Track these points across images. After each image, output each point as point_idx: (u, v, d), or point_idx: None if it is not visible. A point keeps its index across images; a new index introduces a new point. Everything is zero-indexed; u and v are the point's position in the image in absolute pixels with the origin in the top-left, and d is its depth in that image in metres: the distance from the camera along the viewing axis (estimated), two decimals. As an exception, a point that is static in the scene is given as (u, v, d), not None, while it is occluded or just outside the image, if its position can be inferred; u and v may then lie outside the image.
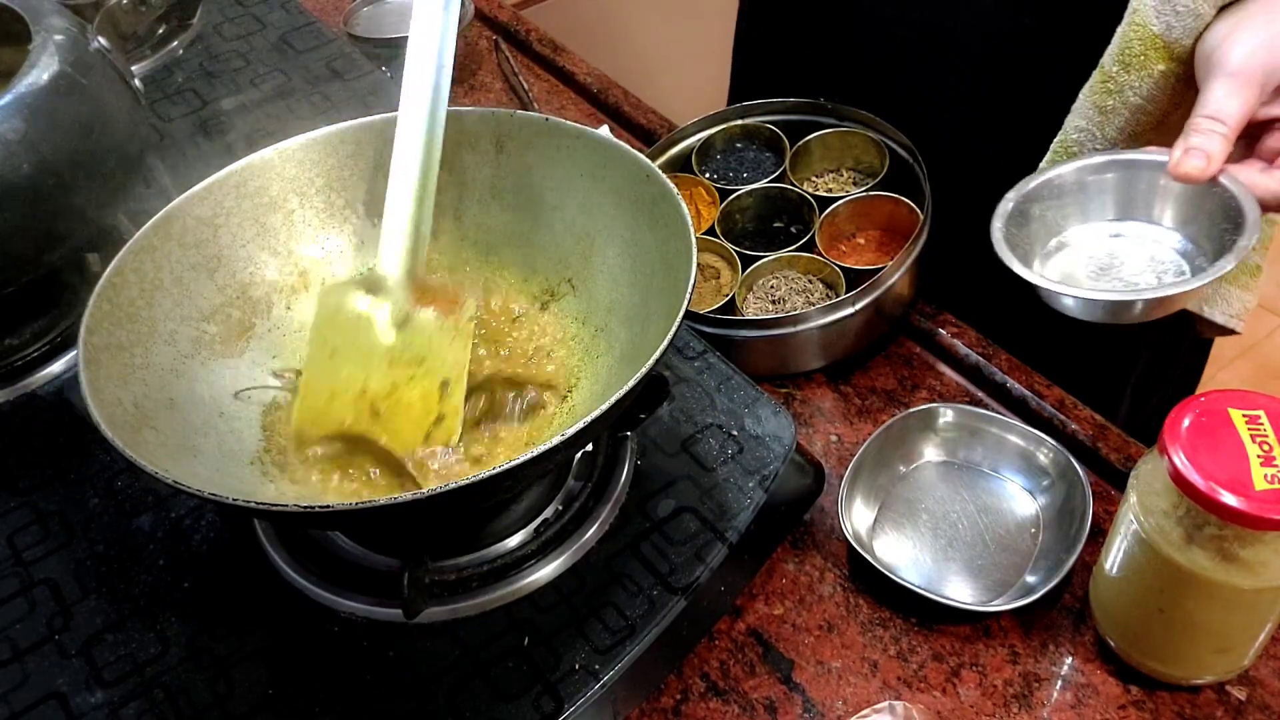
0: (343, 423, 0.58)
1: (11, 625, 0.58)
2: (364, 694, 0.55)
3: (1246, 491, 0.49)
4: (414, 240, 0.62)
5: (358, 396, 0.59)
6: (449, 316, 0.62)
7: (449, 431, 0.58)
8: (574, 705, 0.54)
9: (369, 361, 0.61)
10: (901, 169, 0.82)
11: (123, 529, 0.62)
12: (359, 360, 0.61)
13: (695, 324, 0.74)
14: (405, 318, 0.62)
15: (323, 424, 0.59)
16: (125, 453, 0.47)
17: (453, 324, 0.61)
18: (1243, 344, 2.02)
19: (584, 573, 0.59)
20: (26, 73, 0.64)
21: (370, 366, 0.60)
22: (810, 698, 0.60)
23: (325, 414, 0.59)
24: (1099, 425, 0.71)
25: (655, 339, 0.51)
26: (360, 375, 0.60)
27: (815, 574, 0.65)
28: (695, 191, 0.85)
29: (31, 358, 0.72)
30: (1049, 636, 0.61)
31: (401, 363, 0.60)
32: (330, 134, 0.65)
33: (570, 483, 0.62)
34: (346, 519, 0.55)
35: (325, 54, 0.97)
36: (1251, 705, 0.58)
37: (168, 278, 0.60)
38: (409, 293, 0.62)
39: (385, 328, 0.62)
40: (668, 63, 1.97)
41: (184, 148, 0.89)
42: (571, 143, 0.63)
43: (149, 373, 0.57)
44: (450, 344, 0.61)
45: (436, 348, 0.61)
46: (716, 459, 0.64)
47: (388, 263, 0.62)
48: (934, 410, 0.70)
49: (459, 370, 0.60)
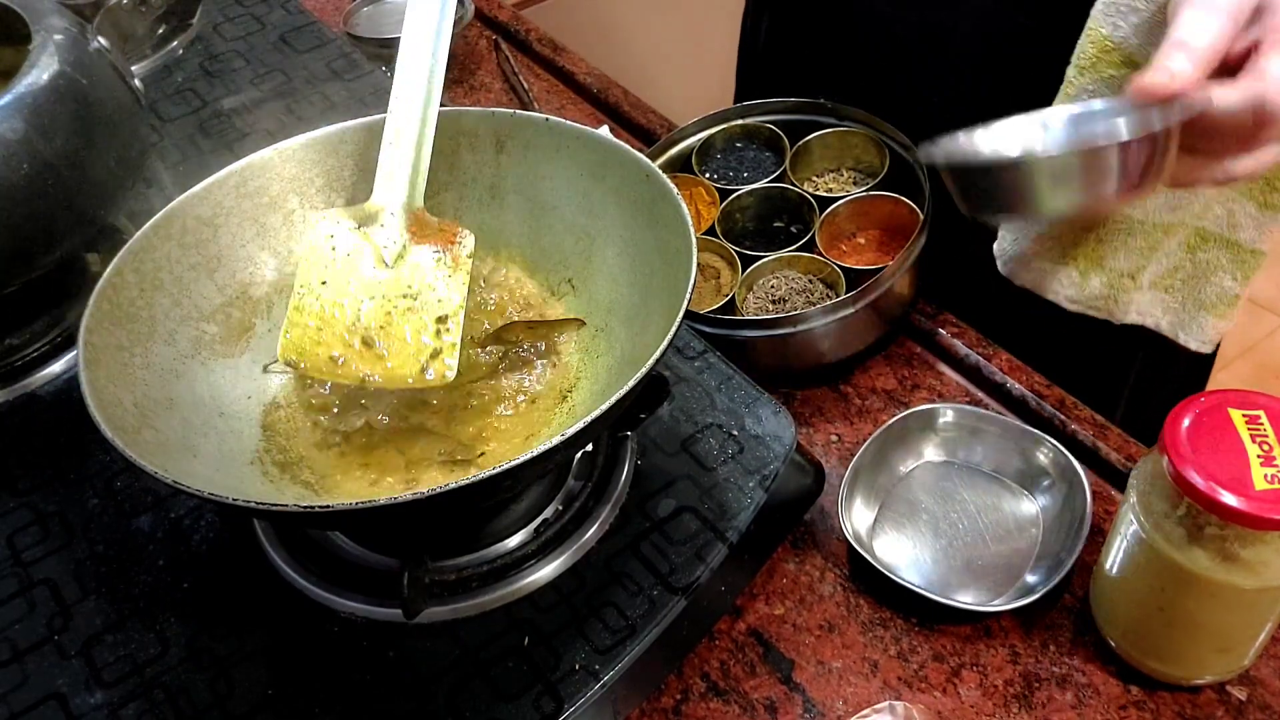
0: (332, 352, 0.57)
1: (11, 625, 0.58)
2: (364, 694, 0.55)
3: (1247, 491, 0.49)
4: (412, 172, 0.61)
5: (349, 327, 0.58)
6: (446, 252, 0.60)
7: (445, 368, 0.57)
8: (574, 705, 0.53)
9: (361, 293, 0.59)
10: (901, 169, 0.82)
11: (122, 529, 0.62)
12: (351, 292, 0.59)
13: (695, 324, 0.74)
14: (401, 252, 0.60)
15: (311, 355, 0.57)
16: (125, 453, 0.47)
17: (451, 259, 0.60)
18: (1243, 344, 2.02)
19: (584, 573, 0.59)
20: (26, 73, 0.64)
21: (362, 298, 0.59)
22: (811, 698, 0.60)
23: (314, 344, 0.58)
24: (1099, 425, 0.71)
25: (655, 339, 0.51)
26: (353, 306, 0.59)
27: (815, 574, 0.65)
28: (695, 191, 0.85)
29: (31, 358, 0.72)
30: (1049, 636, 0.61)
31: (396, 296, 0.59)
32: (330, 134, 0.65)
33: (570, 483, 0.62)
34: (346, 519, 0.55)
35: (325, 54, 0.97)
36: (1251, 705, 0.58)
37: (168, 278, 0.60)
38: (405, 226, 0.61)
39: (379, 261, 0.60)
40: (668, 63, 1.97)
41: (184, 148, 0.89)
42: (571, 143, 0.63)
43: (149, 373, 0.57)
44: (447, 280, 0.59)
45: (433, 283, 0.59)
46: (717, 459, 0.64)
47: (384, 195, 0.61)
48: (934, 410, 0.70)
49: (456, 306, 0.59)
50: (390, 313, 0.59)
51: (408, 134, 0.61)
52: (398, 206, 0.61)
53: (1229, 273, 0.76)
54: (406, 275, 0.60)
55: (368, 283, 0.60)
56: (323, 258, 0.60)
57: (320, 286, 0.59)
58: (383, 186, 0.61)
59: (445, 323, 0.58)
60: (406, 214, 0.61)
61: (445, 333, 0.58)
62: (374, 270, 0.60)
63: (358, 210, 0.62)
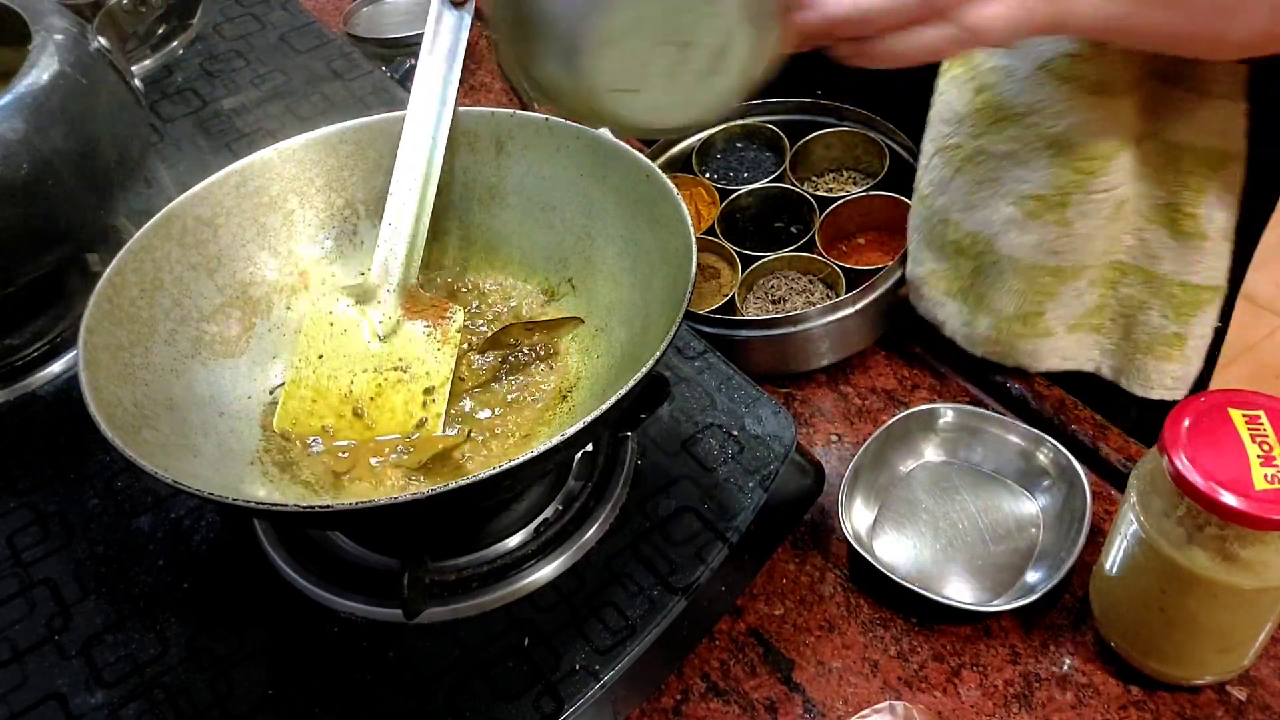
0: (324, 423, 0.59)
1: (11, 625, 0.58)
2: (364, 694, 0.55)
3: (1247, 491, 0.49)
4: (408, 254, 0.63)
5: (342, 398, 0.60)
6: (437, 327, 0.63)
7: (431, 433, 0.59)
8: (574, 705, 0.53)
9: (355, 365, 0.62)
10: (901, 169, 0.82)
11: (122, 529, 0.62)
12: (345, 365, 0.62)
13: (695, 324, 0.74)
14: (394, 327, 0.63)
15: (304, 424, 0.60)
16: (125, 453, 0.47)
17: (441, 334, 0.63)
18: (1243, 344, 2.02)
19: (584, 573, 0.59)
20: (26, 73, 0.64)
21: (356, 370, 0.61)
22: (811, 698, 0.60)
23: (308, 415, 0.60)
24: (1099, 425, 0.71)
25: (655, 339, 0.51)
26: (346, 378, 0.61)
27: (816, 574, 0.65)
28: (695, 191, 0.85)
29: (31, 358, 0.72)
30: (1049, 636, 0.61)
31: (387, 369, 0.62)
32: (330, 134, 0.65)
33: (570, 483, 0.62)
34: (346, 519, 0.55)
35: (325, 54, 0.97)
36: (1252, 705, 0.58)
37: (168, 278, 0.60)
38: (399, 303, 0.63)
39: (374, 335, 0.63)
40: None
41: (184, 148, 0.89)
42: (571, 143, 0.63)
43: (149, 373, 0.57)
44: (436, 353, 0.62)
45: (422, 356, 0.62)
46: (717, 459, 0.64)
47: (380, 274, 0.63)
48: (934, 410, 0.70)
49: (443, 379, 0.61)
50: (381, 384, 0.61)
51: (407, 215, 0.64)
52: (394, 284, 0.63)
53: (1158, 310, 0.69)
54: (399, 348, 0.62)
55: (362, 355, 0.62)
56: (322, 331, 0.63)
57: (317, 360, 0.62)
58: (380, 265, 0.63)
59: (432, 394, 0.61)
60: (402, 291, 0.63)
61: (431, 403, 0.61)
62: (368, 343, 0.63)
63: (356, 288, 0.64)
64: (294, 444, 0.59)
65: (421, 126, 0.64)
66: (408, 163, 0.64)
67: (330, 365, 0.61)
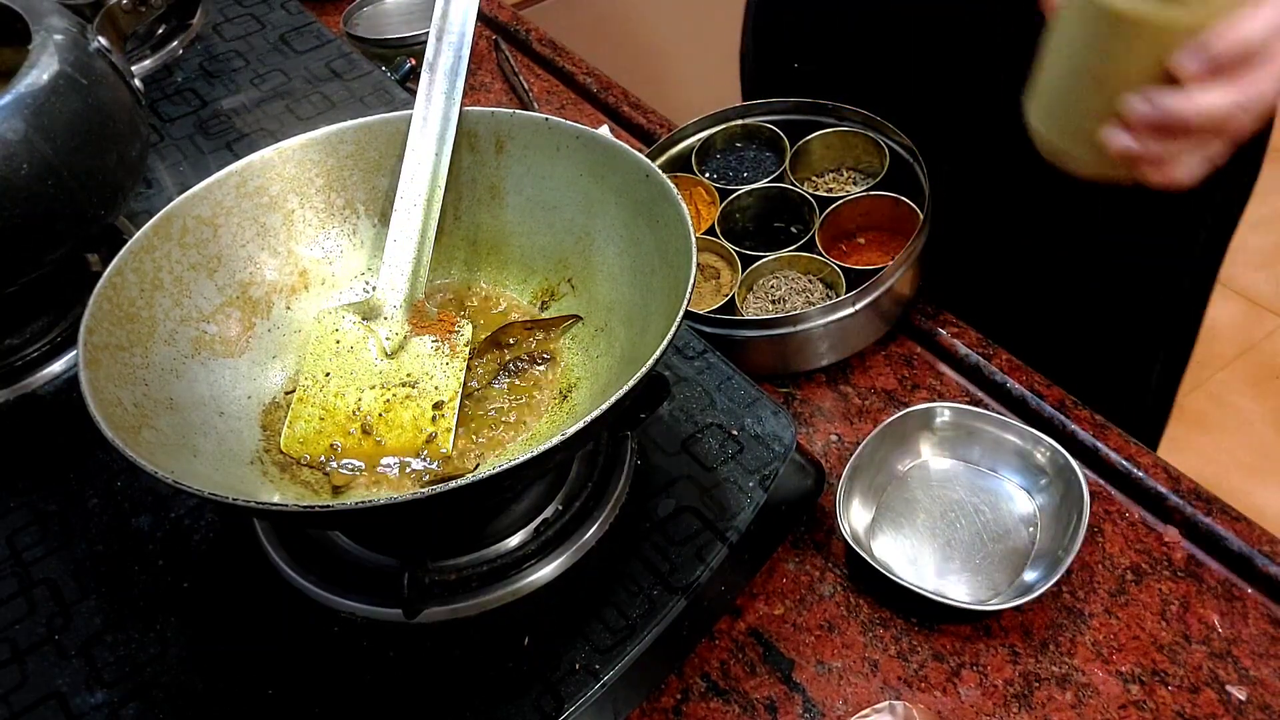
0: (332, 442, 0.59)
1: (11, 625, 0.58)
2: (364, 694, 0.55)
3: None
4: (415, 266, 0.64)
5: (349, 416, 0.60)
6: (445, 341, 0.63)
7: (439, 448, 0.59)
8: (574, 705, 0.54)
9: (363, 382, 0.61)
10: (901, 169, 0.82)
11: (122, 529, 0.62)
12: (352, 382, 0.61)
13: (695, 324, 0.74)
14: (401, 343, 0.63)
15: (312, 444, 0.59)
16: (125, 453, 0.47)
17: (449, 348, 0.63)
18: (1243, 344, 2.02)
19: (584, 573, 0.59)
20: (26, 73, 0.64)
21: (363, 387, 0.61)
22: (811, 697, 0.60)
23: (316, 434, 0.59)
24: (1099, 425, 0.71)
25: (655, 339, 0.51)
26: (354, 395, 0.61)
27: (815, 574, 0.65)
28: (695, 191, 0.85)
29: (31, 358, 0.72)
30: (1049, 636, 0.61)
31: (395, 385, 0.61)
32: (330, 134, 0.65)
33: (570, 483, 0.62)
34: (346, 519, 0.55)
35: (325, 54, 0.97)
36: (1251, 705, 0.58)
37: (168, 278, 0.60)
38: (406, 319, 0.63)
39: (381, 352, 0.62)
40: (669, 63, 1.97)
41: (184, 148, 0.89)
42: (571, 143, 0.63)
43: (149, 373, 0.57)
44: (445, 367, 0.62)
45: (431, 371, 0.62)
46: (717, 459, 0.64)
47: (387, 292, 0.63)
48: (932, 410, 0.70)
49: (452, 393, 0.61)
50: (389, 400, 0.61)
51: (412, 233, 0.64)
52: (400, 300, 0.63)
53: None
54: (407, 364, 0.62)
55: (369, 372, 0.62)
56: (328, 350, 0.62)
57: (324, 379, 0.61)
58: (387, 281, 0.63)
59: (442, 409, 0.60)
60: (408, 307, 0.63)
61: (441, 418, 0.60)
62: (375, 360, 0.62)
63: (362, 305, 0.64)
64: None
65: (426, 140, 0.64)
66: (412, 176, 0.64)
67: (337, 383, 0.61)
